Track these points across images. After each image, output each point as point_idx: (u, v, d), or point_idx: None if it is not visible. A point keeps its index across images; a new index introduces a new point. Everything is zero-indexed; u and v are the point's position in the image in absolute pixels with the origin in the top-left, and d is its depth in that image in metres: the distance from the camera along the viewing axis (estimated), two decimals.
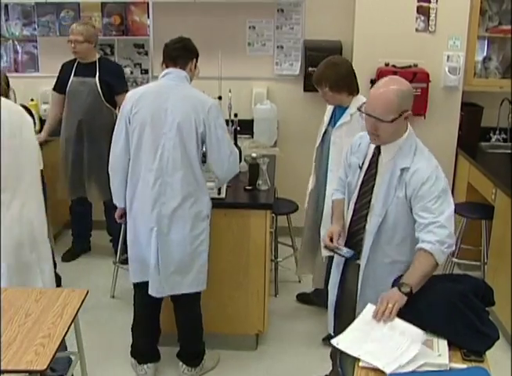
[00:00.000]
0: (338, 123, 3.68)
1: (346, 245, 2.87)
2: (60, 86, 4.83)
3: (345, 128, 3.63)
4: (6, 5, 5.40)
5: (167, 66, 3.34)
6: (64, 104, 4.83)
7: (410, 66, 4.84)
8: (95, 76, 4.68)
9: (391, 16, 4.81)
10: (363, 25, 4.87)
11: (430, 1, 4.80)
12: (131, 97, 3.29)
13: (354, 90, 3.70)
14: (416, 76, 4.74)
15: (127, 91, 4.78)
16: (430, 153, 2.78)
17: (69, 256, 5.19)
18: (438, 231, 2.58)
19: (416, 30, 4.85)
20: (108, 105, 4.72)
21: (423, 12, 4.81)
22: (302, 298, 4.49)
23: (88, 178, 4.79)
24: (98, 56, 4.81)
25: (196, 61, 3.41)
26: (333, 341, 2.47)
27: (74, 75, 4.73)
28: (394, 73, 4.72)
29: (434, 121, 4.92)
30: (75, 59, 4.77)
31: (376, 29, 4.84)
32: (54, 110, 4.91)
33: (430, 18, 4.82)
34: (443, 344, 2.39)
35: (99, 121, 4.71)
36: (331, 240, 2.87)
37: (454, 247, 2.76)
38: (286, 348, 3.96)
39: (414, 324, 2.45)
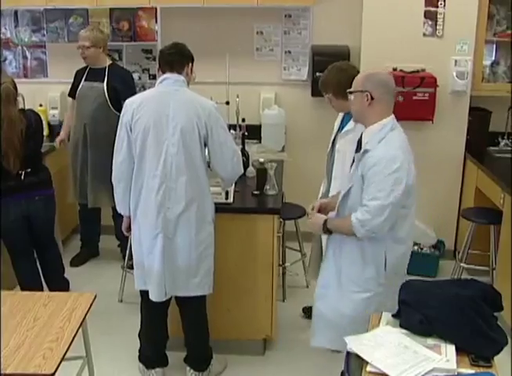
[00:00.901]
0: (343, 130, 3.62)
1: None
2: (73, 92, 4.88)
3: (350, 135, 3.53)
4: (16, 12, 5.44)
5: (163, 72, 3.34)
6: None
7: (418, 71, 4.83)
8: (103, 81, 4.71)
9: (399, 21, 4.82)
10: (371, 30, 4.88)
11: (437, 6, 4.79)
12: (131, 105, 3.28)
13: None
14: (423, 81, 4.74)
15: None
16: (398, 149, 2.91)
17: (77, 261, 5.20)
18: (364, 213, 2.87)
19: (424, 34, 4.85)
20: (115, 111, 4.74)
21: (430, 16, 4.81)
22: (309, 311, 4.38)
23: (93, 183, 4.79)
24: (109, 62, 4.84)
25: (192, 65, 3.41)
26: (347, 339, 2.48)
27: (85, 80, 4.78)
28: (402, 78, 4.73)
29: (442, 125, 4.91)
30: (88, 66, 4.80)
31: (384, 34, 4.84)
32: (70, 117, 4.98)
33: (438, 23, 4.81)
34: (451, 349, 2.38)
35: (104, 127, 4.72)
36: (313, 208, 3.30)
37: (381, 234, 2.92)
38: (293, 354, 3.95)
39: (422, 329, 2.46)
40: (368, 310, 2.95)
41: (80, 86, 4.78)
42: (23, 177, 3.96)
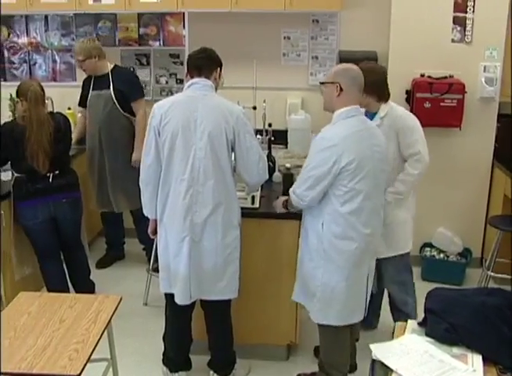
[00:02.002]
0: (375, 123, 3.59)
1: None
2: (82, 101, 4.96)
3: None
4: (46, 16, 5.52)
5: (191, 77, 3.35)
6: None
7: (446, 77, 4.79)
8: (109, 87, 4.76)
9: (427, 27, 4.79)
10: (399, 35, 4.85)
11: (466, 12, 4.76)
12: (159, 109, 3.29)
13: (383, 97, 3.68)
14: (451, 87, 4.70)
15: (143, 96, 4.88)
16: (340, 133, 3.13)
17: (103, 263, 5.24)
18: (295, 184, 3.29)
19: (452, 40, 4.81)
20: (126, 114, 4.78)
21: (459, 22, 4.77)
22: None
23: (112, 188, 4.85)
24: (111, 66, 4.85)
25: (220, 70, 3.42)
26: (372, 347, 2.47)
27: (92, 89, 4.83)
28: (430, 84, 4.70)
29: (469, 132, 4.87)
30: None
31: (412, 39, 4.82)
32: (82, 122, 5.04)
33: (467, 28, 4.77)
34: (478, 359, 2.35)
35: (117, 132, 4.78)
36: None
37: (310, 203, 3.21)
38: (317, 360, 3.93)
39: (448, 337, 2.43)
40: (314, 280, 3.28)
41: (89, 96, 4.83)
42: (51, 179, 4.01)
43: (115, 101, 4.74)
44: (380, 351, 2.44)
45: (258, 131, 4.44)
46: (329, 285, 3.23)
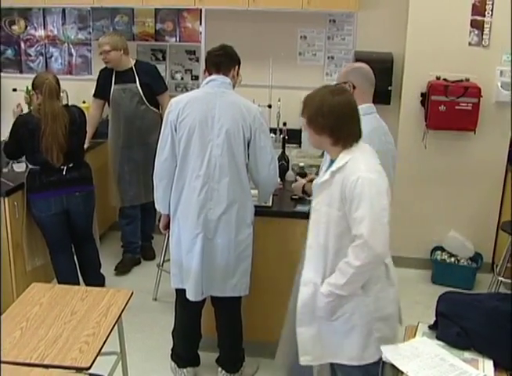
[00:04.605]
0: (319, 181, 2.75)
1: None
2: (100, 92, 4.94)
3: (324, 190, 2.67)
4: (63, 10, 5.54)
5: (209, 74, 3.35)
6: (103, 110, 4.99)
7: (462, 81, 4.77)
8: (135, 81, 4.78)
9: (444, 30, 4.76)
10: (415, 37, 4.83)
11: (484, 15, 4.73)
12: (177, 104, 3.29)
13: (340, 140, 2.61)
14: (467, 90, 4.67)
15: (166, 89, 4.93)
16: (369, 133, 2.90)
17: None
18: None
19: (469, 44, 4.78)
20: (152, 107, 4.80)
21: (477, 25, 4.75)
22: None
23: (144, 182, 4.84)
24: (133, 61, 4.89)
25: (239, 68, 3.42)
26: (383, 348, 2.46)
27: (115, 83, 4.83)
28: (445, 87, 4.68)
29: (484, 136, 4.84)
30: (112, 69, 4.85)
31: (429, 42, 4.80)
32: (94, 116, 5.00)
33: (484, 32, 4.75)
34: (489, 364, 2.34)
35: (145, 125, 4.81)
36: None
37: None
38: None
39: (459, 341, 2.42)
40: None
41: (111, 90, 4.83)
42: (65, 172, 4.02)
43: (142, 94, 4.77)
44: (391, 353, 2.44)
45: (272, 130, 4.44)
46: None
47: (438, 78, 4.81)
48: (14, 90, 5.36)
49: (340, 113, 2.57)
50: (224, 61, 3.32)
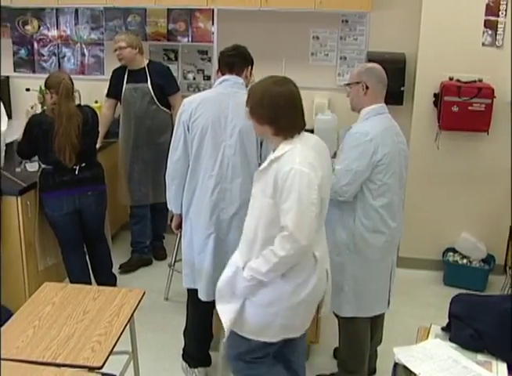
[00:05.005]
0: (259, 169, 2.75)
1: None
2: (112, 92, 4.96)
3: (261, 178, 2.68)
4: (76, 10, 5.56)
5: (222, 74, 3.35)
6: (115, 109, 5.00)
7: (475, 81, 4.74)
8: (146, 81, 4.79)
9: (458, 30, 4.74)
10: (428, 38, 4.81)
11: (498, 15, 4.70)
12: (189, 104, 3.29)
13: (281, 130, 2.63)
14: (480, 91, 4.65)
15: (178, 90, 4.93)
16: (375, 128, 3.15)
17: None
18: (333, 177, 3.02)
19: (483, 44, 4.75)
20: (163, 107, 4.81)
21: (490, 26, 4.72)
22: None
23: (153, 182, 4.87)
24: (146, 61, 4.90)
25: (252, 68, 3.43)
26: (395, 350, 2.46)
27: (127, 82, 4.84)
28: (458, 87, 4.66)
29: (497, 137, 4.81)
30: (125, 67, 4.87)
31: (442, 42, 4.77)
32: (106, 115, 5.02)
33: (498, 32, 4.72)
34: (503, 367, 2.33)
35: (156, 125, 4.82)
36: None
37: (346, 198, 3.15)
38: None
39: (472, 344, 2.41)
40: (343, 274, 3.23)
41: (123, 89, 4.84)
42: (77, 172, 4.04)
43: (153, 94, 4.78)
44: (403, 354, 2.43)
45: None
46: (358, 278, 3.25)
47: (450, 79, 4.78)
48: (27, 90, 5.40)
49: (280, 104, 2.60)
50: (237, 61, 3.32)
